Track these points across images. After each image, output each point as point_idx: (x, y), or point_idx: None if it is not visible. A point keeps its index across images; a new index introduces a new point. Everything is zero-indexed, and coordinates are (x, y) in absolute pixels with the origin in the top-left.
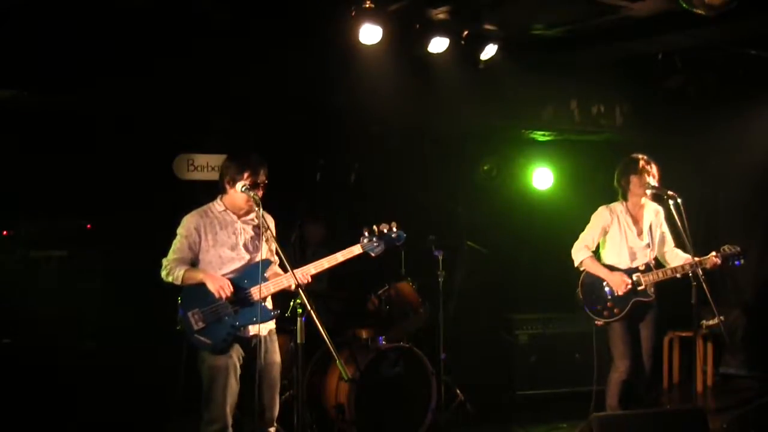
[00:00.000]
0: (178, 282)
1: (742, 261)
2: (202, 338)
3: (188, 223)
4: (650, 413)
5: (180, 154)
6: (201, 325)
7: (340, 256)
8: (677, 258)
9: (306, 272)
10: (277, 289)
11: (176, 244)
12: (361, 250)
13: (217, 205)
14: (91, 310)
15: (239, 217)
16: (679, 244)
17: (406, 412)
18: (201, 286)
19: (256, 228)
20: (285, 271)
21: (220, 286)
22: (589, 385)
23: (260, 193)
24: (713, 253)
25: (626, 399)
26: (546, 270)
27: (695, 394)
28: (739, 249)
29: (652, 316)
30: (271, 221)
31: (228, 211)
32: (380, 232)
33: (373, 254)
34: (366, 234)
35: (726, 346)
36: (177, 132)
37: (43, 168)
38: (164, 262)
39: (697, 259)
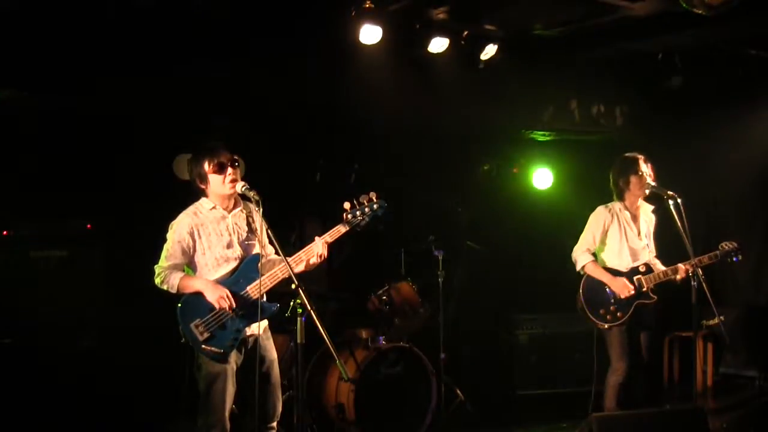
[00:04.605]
0: (174, 291)
1: (740, 257)
2: (211, 348)
3: (180, 227)
4: (650, 413)
5: (180, 154)
6: (206, 335)
7: (328, 237)
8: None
9: (298, 260)
10: (275, 282)
11: (168, 249)
12: (347, 228)
13: (205, 203)
14: (91, 310)
15: (229, 211)
16: (680, 244)
17: (406, 412)
18: (198, 295)
19: (249, 219)
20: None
21: (219, 297)
22: (589, 385)
23: (236, 171)
24: (704, 257)
25: (625, 401)
26: (546, 270)
27: (695, 394)
28: (736, 245)
29: (652, 316)
30: (256, 210)
31: (217, 207)
32: (361, 204)
33: (359, 229)
34: (348, 209)
35: (726, 346)
36: (177, 132)
37: (43, 168)
38: (157, 269)
39: (696, 259)
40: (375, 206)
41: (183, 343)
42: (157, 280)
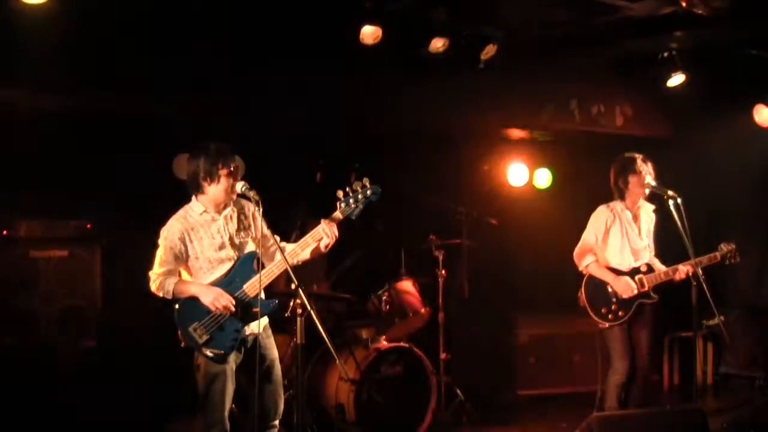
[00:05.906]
0: (169, 296)
1: (737, 259)
2: (211, 351)
3: (171, 233)
4: (650, 413)
5: (179, 154)
6: (205, 337)
7: (321, 230)
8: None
9: (294, 255)
10: (271, 278)
11: (161, 256)
12: (341, 217)
13: (196, 207)
14: (91, 310)
15: (219, 212)
16: (680, 244)
17: (406, 412)
18: (195, 298)
19: (240, 216)
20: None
21: (214, 299)
22: (588, 385)
23: (238, 179)
24: (703, 258)
25: (625, 400)
26: (546, 270)
27: (695, 394)
28: (733, 246)
29: (650, 316)
30: (249, 207)
31: (207, 211)
32: (354, 191)
33: (353, 217)
34: (341, 198)
35: (726, 346)
36: (177, 132)
37: (42, 168)
38: (152, 275)
39: (695, 260)
40: (368, 192)
41: (183, 347)
42: (153, 287)
